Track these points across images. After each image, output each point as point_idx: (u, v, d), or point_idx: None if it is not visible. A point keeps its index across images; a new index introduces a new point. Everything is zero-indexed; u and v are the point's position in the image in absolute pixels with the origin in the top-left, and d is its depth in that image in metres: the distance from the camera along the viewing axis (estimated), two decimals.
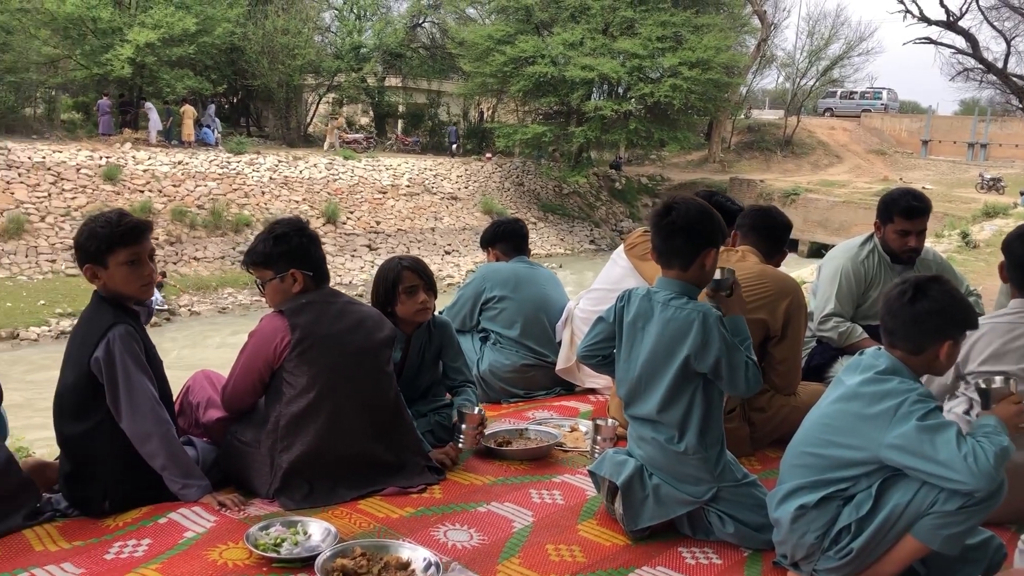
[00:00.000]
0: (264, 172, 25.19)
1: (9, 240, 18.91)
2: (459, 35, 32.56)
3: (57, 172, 21.37)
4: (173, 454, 2.71)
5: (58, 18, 24.77)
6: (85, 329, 2.73)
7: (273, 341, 2.85)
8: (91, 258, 2.74)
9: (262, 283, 3.02)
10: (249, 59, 29.68)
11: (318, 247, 3.05)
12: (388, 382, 3.06)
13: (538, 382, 4.39)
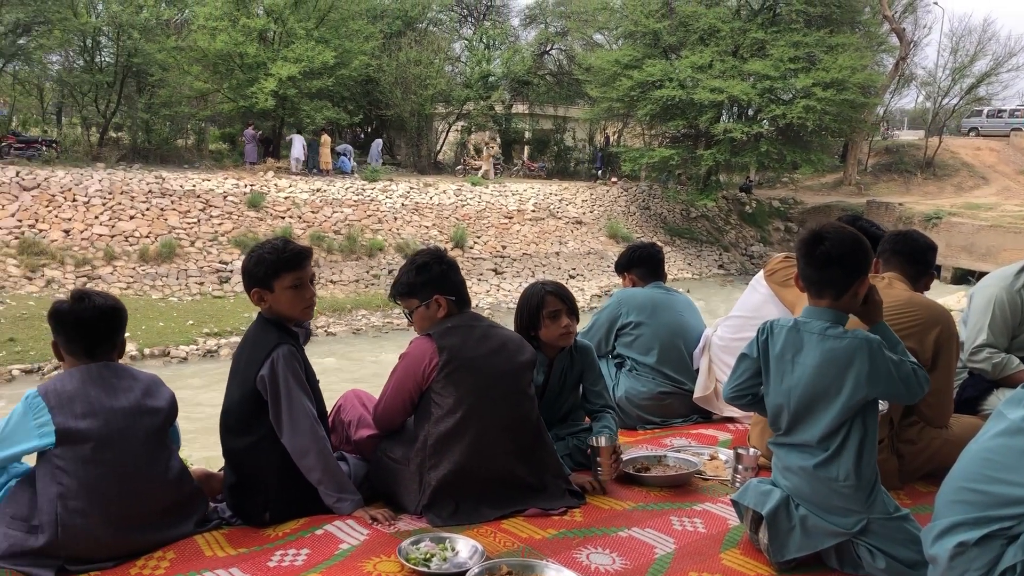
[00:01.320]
0: (396, 199, 26.01)
1: (162, 263, 20.16)
2: (586, 61, 32.80)
3: (206, 199, 22.71)
4: (329, 469, 2.85)
5: (209, 55, 26.44)
6: (251, 349, 2.91)
7: (422, 363, 2.97)
8: (259, 282, 2.92)
9: (409, 311, 3.15)
10: (383, 90, 30.81)
11: (457, 273, 3.17)
12: (530, 404, 3.12)
13: (675, 410, 4.36)
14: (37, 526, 2.47)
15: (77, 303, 2.64)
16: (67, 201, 20.66)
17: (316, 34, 26.98)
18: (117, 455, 2.55)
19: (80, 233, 20.01)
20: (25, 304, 16.84)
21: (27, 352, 14.91)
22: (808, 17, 29.82)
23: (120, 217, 20.92)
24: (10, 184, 20.28)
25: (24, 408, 2.53)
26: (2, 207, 19.69)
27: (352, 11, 29.23)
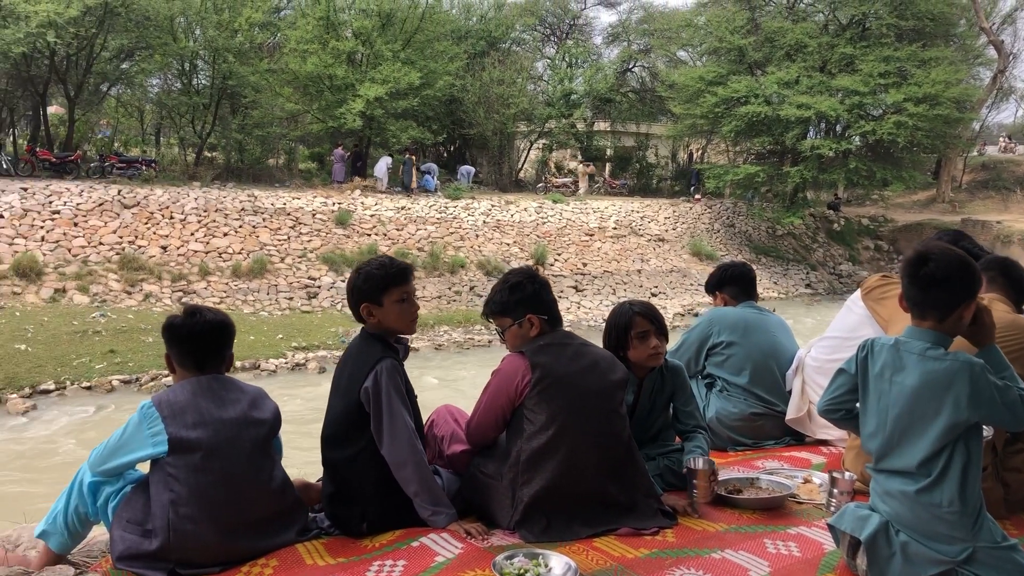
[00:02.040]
0: (478, 216, 26.27)
1: (253, 279, 20.77)
2: (669, 78, 32.62)
3: (296, 217, 23.34)
4: (425, 482, 2.91)
5: (299, 77, 27.29)
6: (355, 363, 3.00)
7: (515, 379, 3.01)
8: (368, 297, 3.02)
9: (502, 330, 3.20)
10: (467, 109, 31.23)
11: (549, 292, 3.21)
12: (621, 423, 3.13)
13: (767, 431, 4.30)
14: (151, 530, 2.59)
15: (190, 318, 2.77)
16: (165, 218, 21.51)
17: (402, 55, 27.54)
18: (225, 464, 2.65)
19: (177, 249, 20.79)
20: (125, 317, 17.54)
21: (126, 363, 15.50)
22: (899, 31, 29.06)
23: (214, 234, 21.67)
24: (112, 202, 21.23)
25: (139, 418, 2.66)
26: (105, 224, 20.61)
27: (437, 32, 29.76)
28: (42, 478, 10.75)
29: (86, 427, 12.82)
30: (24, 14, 21.01)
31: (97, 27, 23.55)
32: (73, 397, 14.10)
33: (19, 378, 14.16)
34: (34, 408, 13.33)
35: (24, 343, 15.31)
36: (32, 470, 11.08)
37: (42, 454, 11.70)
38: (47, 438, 12.31)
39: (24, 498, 9.89)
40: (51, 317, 16.81)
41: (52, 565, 2.75)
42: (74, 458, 11.30)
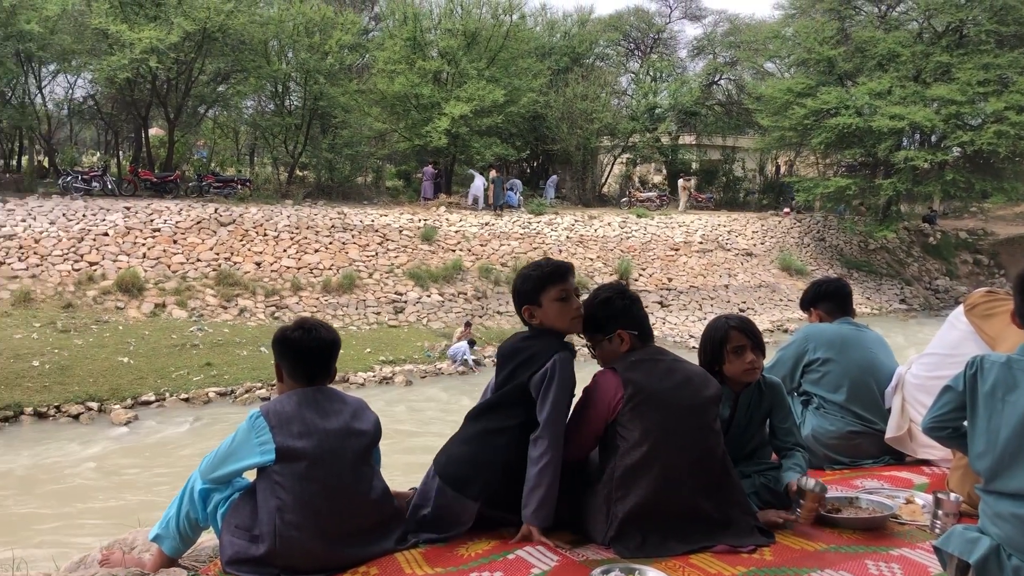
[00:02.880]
0: (561, 231, 26.32)
1: (343, 294, 21.24)
2: (756, 90, 32.17)
3: (383, 233, 23.81)
4: (552, 478, 2.92)
5: (387, 96, 27.88)
6: (530, 351, 3.03)
7: (607, 396, 3.01)
8: (528, 299, 3.07)
9: (593, 345, 3.21)
10: (550, 125, 31.39)
11: (640, 307, 3.20)
12: (715, 440, 3.10)
13: (865, 450, 4.18)
14: (258, 536, 2.69)
15: (305, 333, 2.88)
16: (259, 235, 22.20)
17: (487, 74, 27.87)
18: (328, 473, 2.74)
19: (270, 265, 21.44)
20: (220, 331, 18.17)
21: (222, 376, 16.05)
22: (1000, 37, 27.98)
23: (306, 250, 22.27)
24: (209, 220, 22.04)
25: (248, 427, 2.77)
26: (202, 241, 21.39)
27: (521, 50, 30.02)
28: (147, 484, 11.20)
29: (185, 437, 13.30)
30: (129, 41, 22.04)
31: (196, 52, 24.55)
32: (172, 408, 14.66)
33: (122, 389, 14.81)
34: (136, 419, 13.92)
35: (127, 356, 16.01)
36: (137, 477, 11.54)
37: (147, 461, 12.18)
38: (150, 447, 12.81)
39: (135, 503, 10.33)
40: (151, 331, 17.53)
41: (165, 568, 2.87)
42: (176, 465, 11.74)
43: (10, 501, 10.49)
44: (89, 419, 13.80)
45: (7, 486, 10.94)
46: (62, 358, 15.28)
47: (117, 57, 22.24)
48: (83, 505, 10.48)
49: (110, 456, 12.35)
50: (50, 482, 11.17)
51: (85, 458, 12.15)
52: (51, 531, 9.46)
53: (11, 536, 8.99)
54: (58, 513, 10.14)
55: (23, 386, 14.16)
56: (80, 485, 11.15)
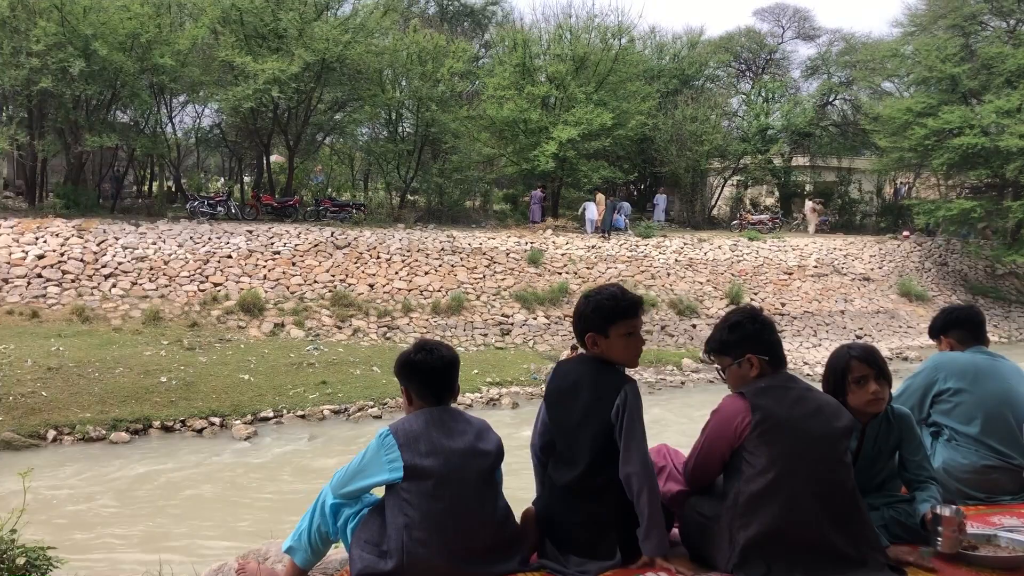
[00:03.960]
0: (670, 254, 26.05)
1: (451, 316, 21.57)
2: (874, 110, 31.18)
3: (491, 256, 24.09)
4: (653, 499, 2.91)
5: (496, 122, 28.32)
6: (597, 387, 3.05)
7: (734, 421, 2.98)
8: (595, 327, 3.08)
9: (722, 369, 3.18)
10: (658, 147, 31.22)
11: (772, 332, 3.15)
12: (846, 472, 3.02)
13: (1002, 486, 3.97)
14: (386, 551, 2.77)
15: (426, 354, 2.96)
16: (372, 258, 22.82)
17: (595, 97, 27.95)
18: (454, 492, 2.80)
19: (383, 287, 21.98)
20: (335, 351, 18.69)
21: (336, 394, 16.48)
22: None
23: (416, 273, 22.75)
24: (326, 243, 22.79)
25: (377, 445, 2.86)
26: (319, 263, 22.13)
27: (630, 73, 30.00)
28: (271, 497, 11.60)
29: (303, 453, 13.71)
30: (253, 72, 23.13)
31: (315, 82, 25.52)
32: (289, 425, 15.14)
33: (242, 406, 15.38)
34: (255, 434, 14.43)
35: (247, 373, 16.63)
36: (261, 490, 11.97)
37: (269, 475, 12.60)
38: (270, 461, 13.25)
39: (261, 515, 10.72)
40: (271, 349, 18.18)
41: None
42: (298, 480, 12.13)
43: (147, 509, 11.03)
44: (212, 433, 14.38)
45: (142, 496, 11.52)
46: (187, 374, 16.00)
47: (242, 88, 23.35)
48: (211, 515, 10.92)
49: (233, 469, 12.84)
50: (180, 493, 11.69)
51: (210, 470, 12.66)
52: (185, 537, 9.89)
53: (151, 543, 9.48)
54: (189, 522, 10.60)
55: (152, 400, 14.90)
56: (207, 496, 11.62)
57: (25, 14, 21.60)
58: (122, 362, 15.91)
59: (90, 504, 10.90)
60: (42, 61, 21.07)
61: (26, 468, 3.71)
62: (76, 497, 11.07)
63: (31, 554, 3.19)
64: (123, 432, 13.80)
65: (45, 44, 20.98)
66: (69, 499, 10.96)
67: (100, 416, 14.00)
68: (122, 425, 13.96)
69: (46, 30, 20.96)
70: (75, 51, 21.28)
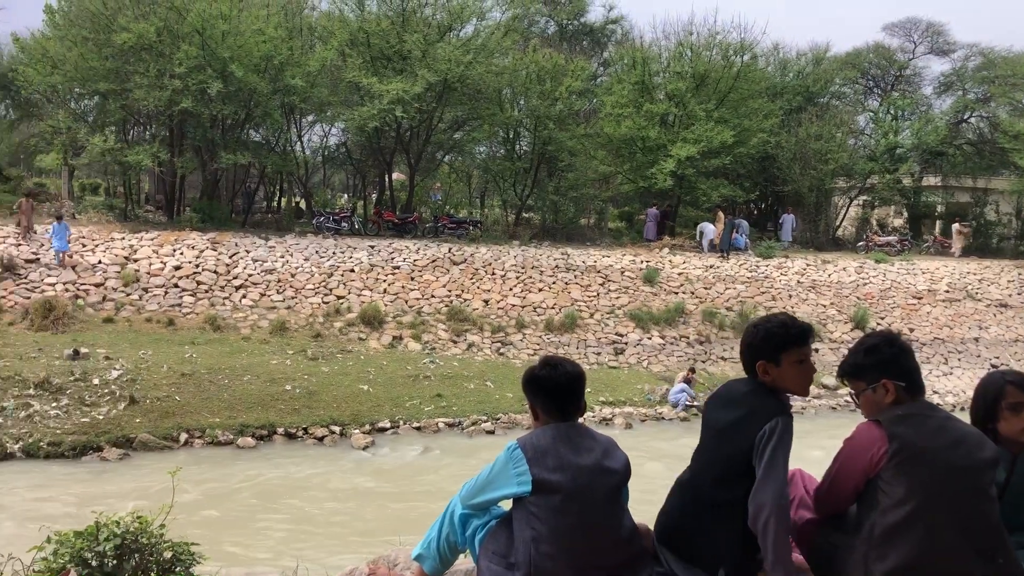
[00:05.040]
0: (791, 276, 25.35)
1: (564, 333, 21.57)
2: (1014, 128, 29.56)
3: (605, 274, 24.01)
4: (780, 535, 2.82)
5: (613, 140, 28.29)
6: (750, 412, 3.00)
7: (870, 450, 2.87)
8: (766, 355, 3.04)
9: (856, 394, 3.07)
10: (781, 166, 30.47)
11: (910, 358, 3.02)
12: (990, 506, 2.86)
13: None
14: (513, 563, 2.79)
15: (551, 370, 2.98)
16: (487, 274, 23.11)
17: (715, 115, 27.56)
18: (581, 508, 2.80)
19: (497, 303, 22.21)
20: (450, 364, 18.99)
21: (451, 407, 16.73)
22: None
23: (530, 289, 22.89)
24: (443, 259, 23.22)
25: (505, 458, 2.89)
26: (436, 279, 22.56)
27: (752, 90, 29.44)
28: (391, 505, 11.85)
29: (419, 463, 13.96)
30: (378, 93, 23.86)
31: (436, 101, 26.13)
32: (405, 436, 15.45)
33: (361, 415, 15.80)
34: (373, 444, 14.79)
35: (366, 384, 17.09)
36: (382, 497, 12.25)
37: (390, 484, 12.87)
38: (389, 470, 13.54)
39: (384, 522, 10.98)
40: (389, 361, 18.63)
41: None
42: (419, 488, 12.36)
43: (275, 512, 11.45)
44: (332, 442, 14.82)
45: (270, 499, 11.96)
46: (310, 384, 16.57)
47: (367, 108, 24.11)
48: (335, 520, 11.24)
49: (355, 476, 13.19)
50: (306, 497, 12.08)
51: (333, 477, 13.04)
52: (313, 540, 10.21)
53: (281, 544, 9.85)
54: (316, 526, 10.94)
55: (277, 408, 15.49)
56: (331, 502, 11.97)
57: (170, 39, 22.95)
58: (250, 370, 16.61)
59: (222, 505, 11.39)
60: (183, 83, 22.33)
61: (173, 467, 3.92)
62: (209, 497, 11.59)
63: (177, 549, 3.36)
64: (249, 437, 14.39)
65: (186, 67, 22.25)
66: (203, 499, 11.48)
67: (228, 421, 14.65)
68: (249, 431, 14.57)
69: (188, 53, 22.22)
70: (213, 73, 22.47)
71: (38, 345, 16.76)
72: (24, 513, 10.67)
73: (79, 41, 23.47)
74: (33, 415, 13.88)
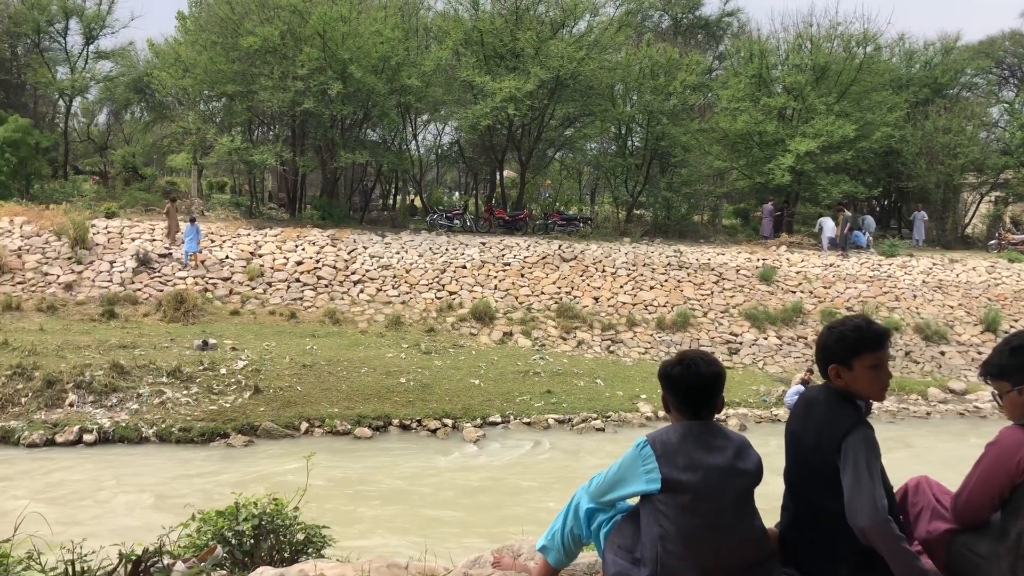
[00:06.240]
0: (916, 275, 24.30)
1: (676, 332, 21.30)
2: None
3: (719, 272, 23.57)
4: (895, 550, 2.71)
5: (729, 135, 27.74)
6: (826, 423, 2.90)
7: (1016, 454, 2.73)
8: (838, 359, 2.94)
9: (1000, 395, 2.93)
10: (905, 161, 29.26)
11: None
12: None
13: None
14: (639, 559, 2.78)
15: (684, 368, 2.93)
16: (597, 271, 23.04)
17: (836, 108, 26.69)
18: (711, 509, 2.76)
19: (607, 300, 22.12)
20: (560, 361, 19.02)
21: (560, 404, 16.76)
22: None
23: (641, 287, 22.69)
24: (553, 256, 23.28)
25: (634, 455, 2.87)
26: (546, 275, 22.64)
27: (875, 83, 28.35)
28: (508, 497, 11.99)
29: (530, 458, 14.05)
30: (491, 91, 24.11)
31: (548, 98, 26.20)
32: (515, 431, 15.57)
33: (473, 409, 16.02)
34: (483, 437, 14.97)
35: (477, 379, 17.30)
36: (497, 489, 12.40)
37: (505, 476, 13.02)
38: (502, 464, 13.69)
39: (502, 513, 11.12)
40: (499, 357, 18.81)
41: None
42: (534, 481, 12.46)
43: (397, 500, 11.75)
44: (444, 434, 15.08)
45: (392, 487, 12.28)
46: (424, 377, 16.89)
47: (480, 106, 24.40)
48: (455, 509, 11.44)
49: (468, 469, 13.38)
50: (425, 486, 12.34)
51: (447, 468, 13.28)
52: (434, 527, 10.40)
53: (405, 531, 10.10)
54: (435, 514, 11.16)
55: (392, 400, 15.86)
56: (449, 492, 12.17)
57: (292, 42, 23.81)
58: (367, 363, 17.07)
59: (342, 492, 11.75)
60: (305, 84, 23.13)
61: (294, 454, 4.08)
62: (331, 484, 11.97)
63: (309, 531, 3.50)
64: (366, 428, 14.79)
65: (308, 68, 23.04)
66: (326, 486, 11.87)
67: (347, 412, 15.10)
68: (365, 421, 14.98)
69: (310, 55, 23.00)
70: (333, 74, 23.19)
71: (170, 335, 17.68)
72: (164, 493, 11.30)
73: (208, 46, 24.62)
74: (166, 402, 14.66)
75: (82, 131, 33.72)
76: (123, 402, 14.49)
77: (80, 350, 16.04)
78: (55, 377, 14.58)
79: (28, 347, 15.79)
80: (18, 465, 12.29)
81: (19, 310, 18.65)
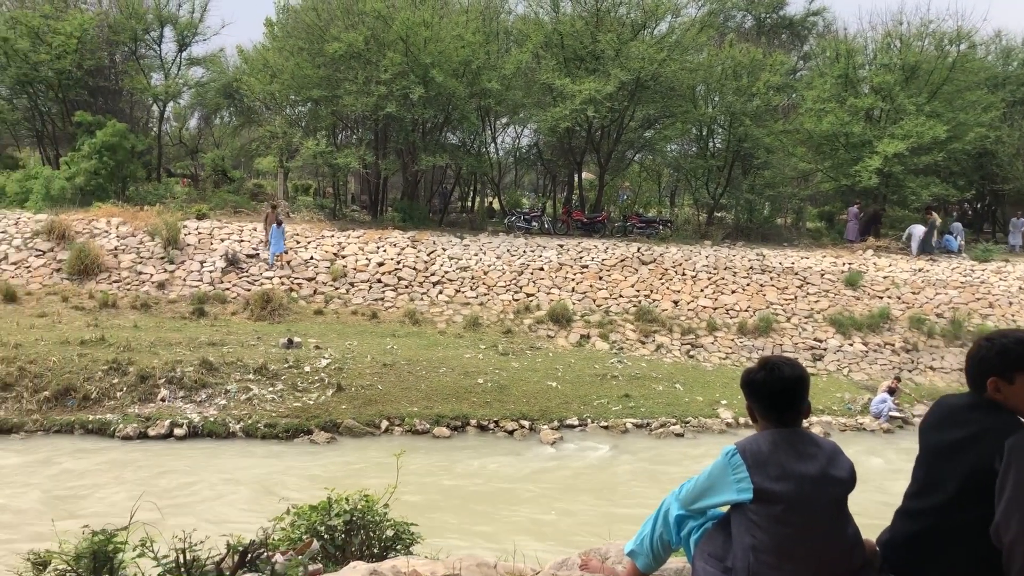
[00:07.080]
0: (1012, 281, 23.37)
1: (759, 337, 20.92)
2: None
3: (803, 277, 23.08)
4: None
5: (814, 136, 27.13)
6: (988, 424, 2.76)
7: None
8: (999, 371, 2.81)
9: None
10: (1000, 162, 28.18)
11: None
12: None
13: None
14: (730, 568, 2.77)
15: (767, 373, 2.90)
16: (677, 275, 22.80)
17: (927, 108, 25.86)
18: (804, 519, 2.72)
19: (687, 304, 21.88)
20: (638, 365, 18.89)
21: (638, 408, 16.64)
22: None
23: (722, 291, 22.37)
24: (632, 258, 23.13)
25: (724, 464, 2.84)
26: (624, 278, 22.51)
27: (969, 82, 27.36)
28: (586, 500, 11.99)
29: (611, 463, 14.00)
30: (570, 93, 24.10)
31: (628, 100, 26.05)
32: (592, 434, 15.52)
33: (550, 411, 16.03)
34: (561, 439, 14.97)
35: (555, 381, 17.31)
36: (574, 491, 12.41)
37: (586, 480, 13.01)
38: (580, 467, 13.67)
39: (580, 517, 11.14)
40: (576, 359, 18.79)
41: None
42: (612, 485, 12.43)
43: (480, 499, 11.87)
44: (521, 436, 15.14)
45: (471, 487, 12.41)
46: (501, 378, 16.99)
47: (559, 108, 24.42)
48: (533, 511, 11.50)
49: (546, 471, 13.41)
50: (506, 487, 12.42)
51: (526, 470, 13.33)
52: (515, 529, 10.51)
53: (487, 531, 10.19)
54: (515, 515, 11.24)
55: (470, 400, 16.00)
56: (527, 493, 12.24)
57: (376, 47, 24.23)
58: (445, 363, 17.26)
59: (423, 491, 11.90)
60: (388, 88, 23.51)
61: (375, 452, 4.16)
62: (412, 483, 12.13)
63: (399, 528, 3.58)
64: (444, 427, 14.95)
65: (391, 73, 23.42)
66: (407, 484, 12.05)
67: (426, 411, 15.29)
68: (444, 421, 15.15)
69: (393, 60, 23.38)
70: (415, 78, 23.51)
71: (257, 334, 18.19)
72: (255, 487, 11.64)
73: (295, 52, 25.25)
74: (252, 398, 15.09)
75: (174, 135, 34.92)
76: (211, 398, 14.97)
77: (171, 347, 16.63)
78: (148, 372, 15.16)
79: (123, 343, 16.43)
80: (110, 454, 12.83)
81: (115, 307, 19.43)
